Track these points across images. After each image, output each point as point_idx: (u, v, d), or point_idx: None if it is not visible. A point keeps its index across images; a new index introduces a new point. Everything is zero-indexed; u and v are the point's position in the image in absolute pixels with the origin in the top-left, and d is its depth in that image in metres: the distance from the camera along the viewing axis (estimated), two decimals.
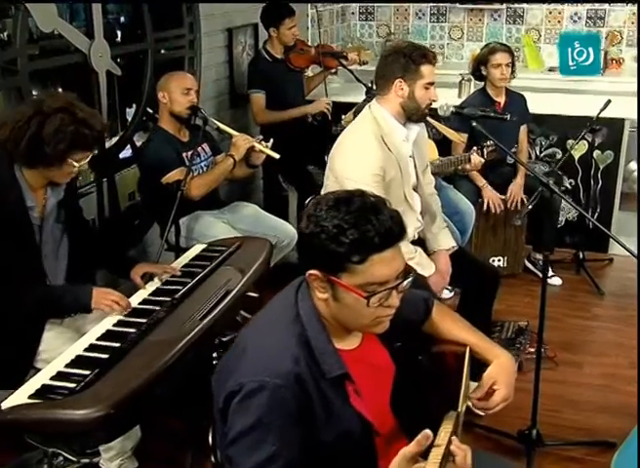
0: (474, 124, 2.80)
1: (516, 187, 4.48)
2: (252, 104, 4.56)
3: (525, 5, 6.77)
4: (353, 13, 7.23)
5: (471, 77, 4.88)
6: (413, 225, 2.89)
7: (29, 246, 2.47)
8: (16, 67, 3.15)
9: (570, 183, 5.01)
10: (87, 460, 2.74)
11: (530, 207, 4.41)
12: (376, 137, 2.73)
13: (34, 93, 3.38)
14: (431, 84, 2.78)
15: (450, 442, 1.50)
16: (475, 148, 3.98)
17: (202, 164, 3.56)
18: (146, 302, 2.49)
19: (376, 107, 2.81)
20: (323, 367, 1.57)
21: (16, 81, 3.17)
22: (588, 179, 4.94)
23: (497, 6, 6.74)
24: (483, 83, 4.50)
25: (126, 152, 3.99)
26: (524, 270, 4.75)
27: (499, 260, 4.67)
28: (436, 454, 1.45)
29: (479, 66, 4.42)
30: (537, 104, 4.95)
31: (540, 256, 4.66)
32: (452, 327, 1.97)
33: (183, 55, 4.38)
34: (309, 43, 6.15)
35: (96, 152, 2.60)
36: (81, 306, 2.44)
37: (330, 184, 2.78)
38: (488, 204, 4.43)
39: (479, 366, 1.92)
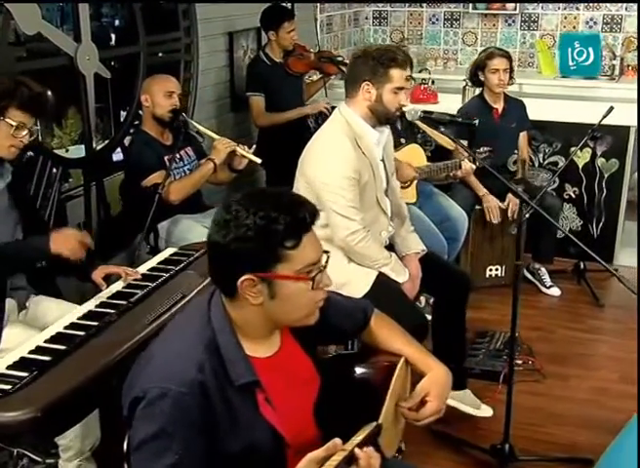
0: (442, 129, 2.74)
1: (514, 196, 4.39)
2: (251, 107, 4.55)
3: (540, 10, 6.67)
4: (367, 18, 7.18)
5: None
6: (385, 229, 2.84)
7: None
8: None
9: (574, 192, 4.91)
10: (52, 460, 2.74)
11: (527, 216, 4.37)
12: (350, 140, 2.69)
13: None
14: (401, 88, 2.72)
15: (355, 447, 1.46)
16: (467, 154, 3.91)
17: (185, 168, 3.54)
18: (103, 305, 2.47)
19: (346, 110, 2.77)
20: (231, 374, 1.54)
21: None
22: (593, 188, 4.83)
23: (511, 11, 6.64)
24: (481, 89, 4.43)
25: (119, 155, 4.01)
26: (523, 280, 4.64)
27: (496, 270, 4.60)
28: (336, 457, 1.42)
29: (476, 72, 4.36)
30: (541, 111, 4.87)
31: (538, 266, 4.58)
32: (388, 337, 1.93)
33: (179, 58, 4.38)
34: (318, 48, 6.16)
35: (36, 127, 2.60)
36: (41, 252, 2.45)
37: (301, 189, 2.75)
38: (487, 212, 4.36)
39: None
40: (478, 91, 5.01)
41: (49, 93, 2.61)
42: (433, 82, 5.21)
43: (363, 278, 2.70)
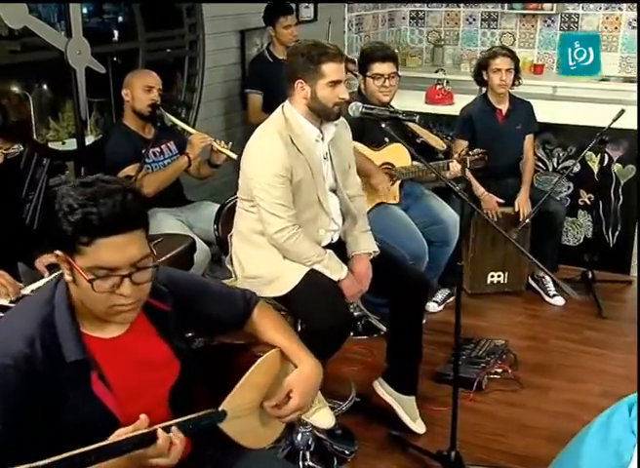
0: (383, 125, 2.68)
1: (523, 200, 4.26)
2: (248, 104, 4.56)
3: (580, 11, 6.45)
4: (404, 18, 7.11)
5: None
6: (324, 227, 2.80)
7: None
8: None
9: (589, 198, 4.73)
10: None
11: (527, 220, 4.25)
12: (281, 138, 2.66)
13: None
14: (337, 82, 2.67)
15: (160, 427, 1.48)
16: (456, 156, 3.83)
17: (165, 161, 3.59)
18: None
19: (287, 108, 2.74)
20: (64, 351, 1.54)
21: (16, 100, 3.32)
22: (608, 195, 4.65)
23: (548, 11, 6.44)
24: (485, 89, 4.32)
25: None
26: (527, 288, 4.51)
27: (498, 276, 4.47)
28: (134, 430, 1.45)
29: (480, 71, 4.25)
30: (556, 114, 4.73)
31: (542, 274, 4.43)
32: (267, 328, 1.94)
33: (183, 55, 4.44)
34: (346, 47, 6.14)
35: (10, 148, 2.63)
36: None
37: (240, 185, 2.74)
38: (487, 214, 4.25)
39: None
40: None
41: (21, 107, 2.67)
42: (448, 82, 5.10)
43: (293, 273, 2.67)
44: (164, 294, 1.73)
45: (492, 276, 4.45)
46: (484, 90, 4.41)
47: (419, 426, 3.08)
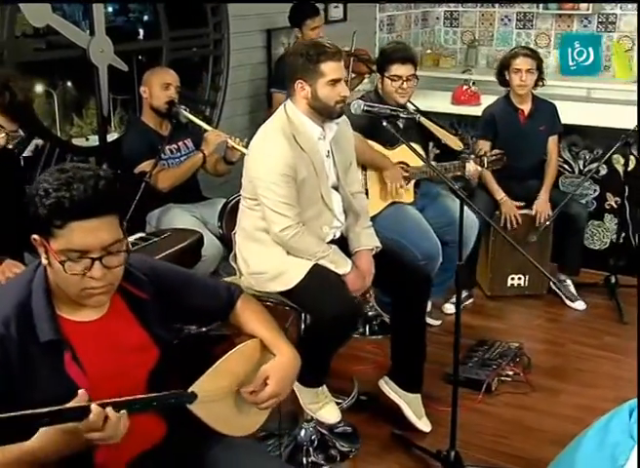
0: (385, 123, 2.69)
1: (541, 203, 4.22)
2: (273, 103, 4.60)
3: (618, 11, 6.34)
4: (438, 18, 7.08)
5: None
6: (328, 224, 2.81)
7: None
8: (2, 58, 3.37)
9: (615, 202, 4.65)
10: None
11: (547, 223, 4.20)
12: (285, 137, 2.67)
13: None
14: (337, 80, 2.68)
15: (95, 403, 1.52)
16: (473, 156, 3.80)
17: (182, 158, 3.64)
18: None
19: (290, 107, 2.76)
20: (38, 331, 1.60)
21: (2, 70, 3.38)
22: (635, 198, 4.56)
23: (584, 11, 6.34)
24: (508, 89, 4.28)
25: None
26: (549, 291, 4.45)
27: (519, 279, 4.41)
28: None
29: (502, 71, 4.22)
30: (582, 115, 4.66)
31: (564, 277, 4.38)
32: (250, 320, 1.98)
33: (208, 53, 4.50)
34: (376, 47, 6.15)
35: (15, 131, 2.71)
36: None
37: (244, 183, 2.77)
38: (505, 219, 4.22)
39: None
40: None
41: (28, 90, 2.74)
42: (474, 83, 5.06)
43: (298, 268, 2.69)
44: (143, 283, 1.78)
45: (512, 279, 4.41)
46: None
47: (424, 424, 3.08)
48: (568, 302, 4.31)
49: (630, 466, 1.84)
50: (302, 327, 2.90)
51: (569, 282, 4.35)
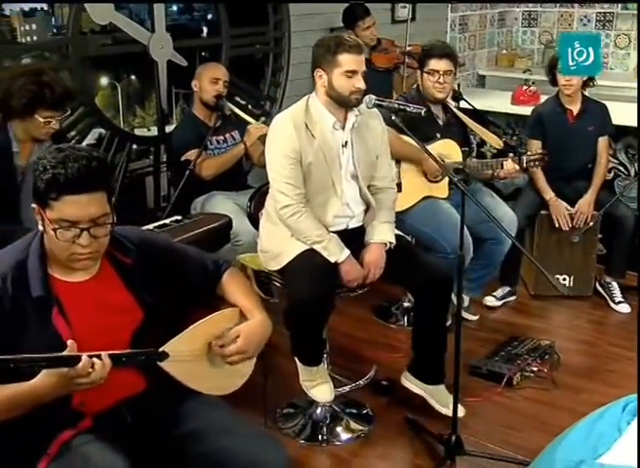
0: (393, 117, 2.80)
1: (584, 203, 4.21)
2: None
3: None
4: (516, 18, 7.05)
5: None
6: (335, 213, 2.94)
7: (10, 185, 2.93)
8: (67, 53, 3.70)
9: None
10: None
11: (591, 224, 4.20)
12: (294, 123, 2.84)
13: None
14: (353, 72, 2.81)
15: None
16: (512, 155, 3.85)
17: (228, 148, 3.86)
18: None
19: (312, 97, 2.92)
20: (30, 287, 1.83)
21: (68, 64, 3.71)
22: None
23: None
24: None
25: None
26: (595, 293, 4.42)
27: (564, 279, 4.40)
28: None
29: (552, 70, 4.23)
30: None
31: (610, 280, 4.34)
32: (233, 290, 2.17)
33: (268, 51, 4.71)
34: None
35: (64, 114, 2.99)
36: None
37: (267, 168, 2.97)
38: (554, 218, 4.23)
39: None
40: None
41: (63, 83, 3.01)
42: (534, 83, 5.06)
43: (292, 249, 2.86)
44: (129, 250, 2.00)
45: (556, 279, 4.40)
46: None
47: (450, 412, 3.15)
48: (612, 305, 4.28)
49: (609, 456, 1.90)
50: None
51: (615, 284, 4.31)
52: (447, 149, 3.75)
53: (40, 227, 1.87)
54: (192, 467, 1.95)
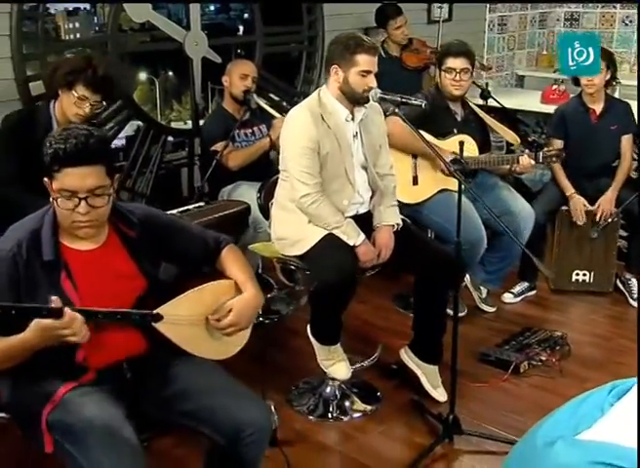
0: (397, 110, 2.95)
1: (605, 200, 4.27)
2: None
3: None
4: (558, 19, 7.09)
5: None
6: (349, 199, 3.10)
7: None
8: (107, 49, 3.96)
9: None
10: None
11: (609, 220, 4.26)
12: (311, 114, 3.00)
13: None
14: (368, 72, 2.97)
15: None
16: (528, 150, 3.95)
17: (255, 141, 4.06)
18: None
19: (323, 90, 3.10)
20: (42, 252, 2.05)
21: (107, 60, 3.97)
22: None
23: None
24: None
25: None
26: (615, 289, 4.48)
27: (584, 275, 4.46)
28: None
29: None
30: None
31: (629, 276, 4.40)
32: (230, 265, 2.36)
33: (302, 49, 4.91)
34: (485, 48, 6.33)
35: (99, 101, 3.21)
36: None
37: (280, 158, 3.14)
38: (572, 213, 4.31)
39: None
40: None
41: (110, 67, 3.25)
42: (562, 82, 5.13)
43: (313, 235, 3.03)
44: (132, 223, 2.20)
45: (577, 274, 4.47)
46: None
47: (440, 394, 3.30)
48: (630, 301, 4.33)
49: (588, 433, 2.02)
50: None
51: (634, 281, 4.36)
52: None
53: (52, 198, 2.08)
54: (181, 423, 2.15)
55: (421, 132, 3.75)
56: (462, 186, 2.88)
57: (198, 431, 2.14)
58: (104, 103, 3.28)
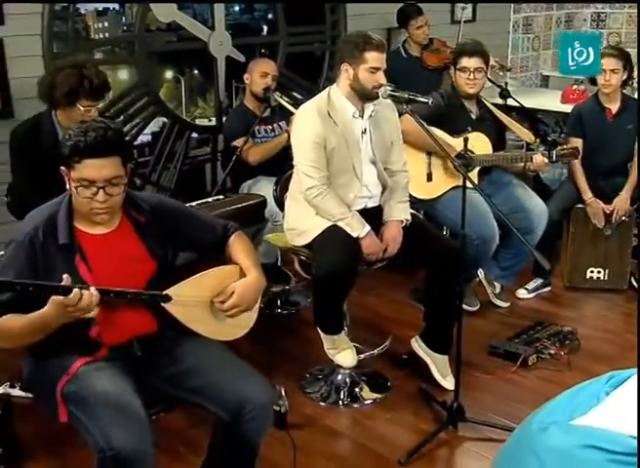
0: (405, 106, 3.04)
1: (620, 200, 4.33)
2: None
3: None
4: (585, 20, 7.11)
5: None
6: (355, 192, 3.20)
7: (57, 173, 3.35)
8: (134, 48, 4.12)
9: None
10: None
11: (623, 218, 4.32)
12: (318, 111, 3.12)
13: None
14: (377, 69, 3.07)
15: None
16: (542, 149, 4.02)
17: (275, 137, 4.19)
18: None
19: (334, 89, 3.21)
20: (58, 236, 2.20)
21: (134, 59, 4.14)
22: None
23: None
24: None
25: None
26: (630, 287, 4.53)
27: (598, 272, 4.52)
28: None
29: None
30: None
31: None
32: (237, 251, 2.49)
33: (325, 49, 5.03)
34: (509, 48, 6.39)
35: (99, 105, 3.36)
36: None
37: (293, 153, 3.28)
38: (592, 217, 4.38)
39: None
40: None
41: (102, 74, 3.33)
42: (582, 81, 5.18)
43: (317, 226, 3.15)
44: (143, 210, 2.35)
45: (591, 271, 4.52)
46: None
47: (448, 383, 3.38)
48: None
49: (582, 419, 2.11)
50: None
51: None
52: (475, 141, 3.97)
53: (68, 187, 2.22)
54: (187, 400, 2.28)
55: (436, 129, 3.90)
56: (468, 181, 2.94)
57: (203, 407, 2.27)
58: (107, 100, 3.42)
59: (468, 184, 4.00)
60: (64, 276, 2.07)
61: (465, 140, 3.20)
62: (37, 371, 2.25)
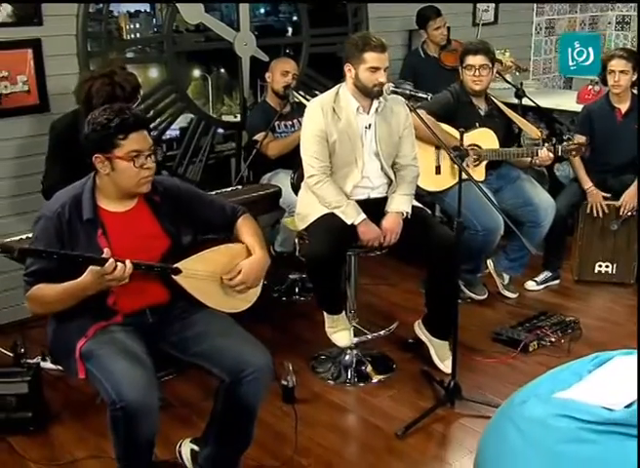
0: (407, 102, 3.24)
1: (629, 195, 4.46)
2: None
3: None
4: (610, 22, 7.22)
5: None
6: (354, 183, 3.42)
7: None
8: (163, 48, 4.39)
9: None
10: None
11: (630, 213, 4.45)
12: (322, 107, 3.35)
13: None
14: (376, 68, 3.27)
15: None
16: (547, 144, 4.19)
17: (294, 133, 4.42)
18: None
19: (343, 86, 3.43)
20: (83, 212, 2.46)
21: (163, 58, 4.40)
22: None
23: None
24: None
25: None
26: (637, 280, 4.65)
27: (606, 266, 4.65)
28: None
29: (603, 71, 4.50)
30: None
31: None
32: (244, 232, 2.75)
33: None
34: (532, 49, 6.54)
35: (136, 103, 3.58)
36: None
37: None
38: (592, 207, 4.52)
39: None
40: None
41: (131, 78, 3.47)
42: (597, 83, 5.30)
43: (315, 212, 3.39)
44: (158, 190, 2.59)
45: (599, 265, 4.66)
46: None
47: (446, 367, 3.56)
48: None
49: (564, 394, 2.28)
50: None
51: None
52: (482, 136, 4.17)
53: (104, 171, 2.44)
54: (194, 363, 2.52)
55: (446, 125, 4.09)
56: (463, 172, 3.12)
57: (208, 370, 2.51)
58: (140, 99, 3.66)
59: (476, 178, 4.23)
60: (105, 249, 2.32)
61: (461, 134, 3.38)
62: (58, 335, 2.51)
